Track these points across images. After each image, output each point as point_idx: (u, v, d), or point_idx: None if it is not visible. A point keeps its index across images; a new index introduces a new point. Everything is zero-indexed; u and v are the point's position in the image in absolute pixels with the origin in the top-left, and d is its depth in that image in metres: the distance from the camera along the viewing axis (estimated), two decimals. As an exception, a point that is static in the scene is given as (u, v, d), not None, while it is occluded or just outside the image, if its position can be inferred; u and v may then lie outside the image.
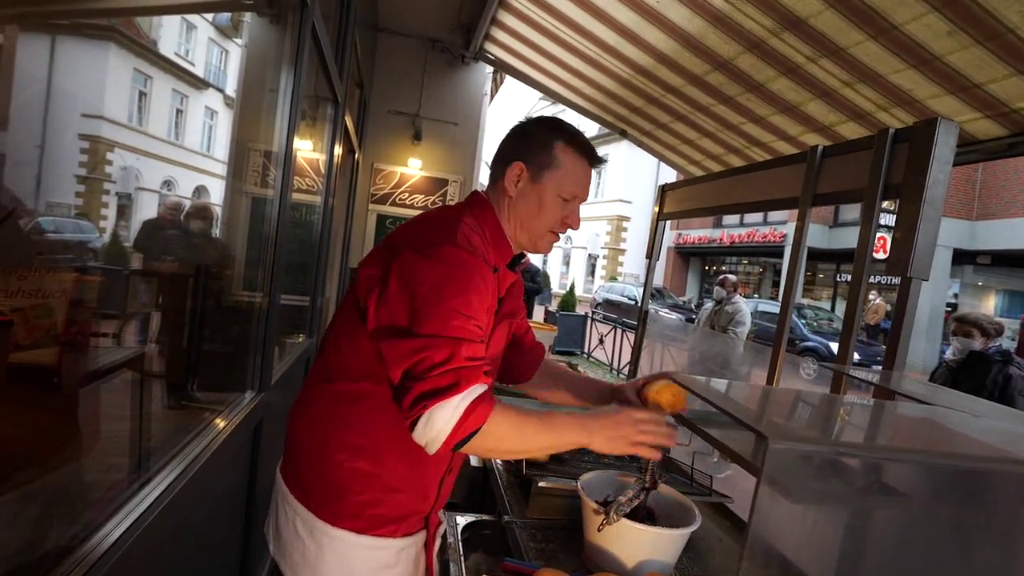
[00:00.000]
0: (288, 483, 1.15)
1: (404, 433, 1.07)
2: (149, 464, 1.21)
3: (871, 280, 1.40)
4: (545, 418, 1.04)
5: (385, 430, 1.09)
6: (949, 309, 14.48)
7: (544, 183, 1.14)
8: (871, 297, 15.03)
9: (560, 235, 1.22)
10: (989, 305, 15.71)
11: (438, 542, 1.26)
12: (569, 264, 30.21)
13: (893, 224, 1.10)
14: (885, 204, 1.21)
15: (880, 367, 1.16)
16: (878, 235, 1.21)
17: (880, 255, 12.13)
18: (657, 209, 2.47)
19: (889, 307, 14.92)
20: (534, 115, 1.30)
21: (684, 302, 20.17)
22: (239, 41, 2.11)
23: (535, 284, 9.54)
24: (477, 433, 0.95)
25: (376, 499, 1.10)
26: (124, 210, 1.43)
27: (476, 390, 0.95)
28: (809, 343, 13.02)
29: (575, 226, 1.21)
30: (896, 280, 1.14)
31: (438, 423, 0.92)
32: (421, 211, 5.75)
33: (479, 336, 1.01)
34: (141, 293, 1.61)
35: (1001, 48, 1.75)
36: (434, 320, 0.95)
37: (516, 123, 1.23)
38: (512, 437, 1.00)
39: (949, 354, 3.62)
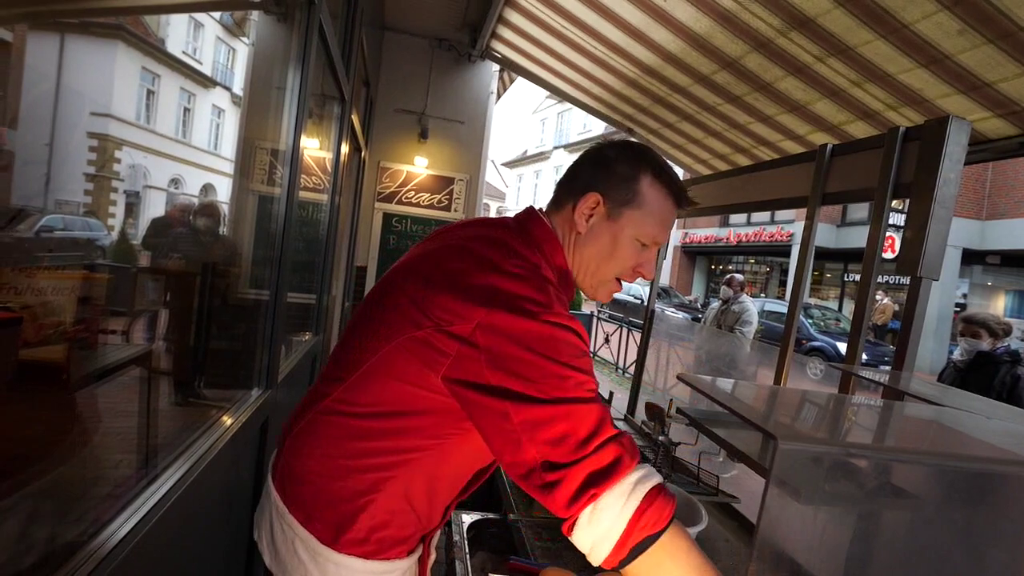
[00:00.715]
0: (287, 501, 1.02)
1: (441, 465, 0.98)
2: (156, 461, 1.21)
3: (878, 280, 1.39)
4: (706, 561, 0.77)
5: (418, 466, 0.97)
6: (958, 309, 14.39)
7: (622, 222, 0.99)
8: (878, 297, 14.96)
9: (624, 284, 1.06)
10: (999, 305, 15.60)
11: (433, 554, 1.16)
12: (575, 263, 30.09)
13: (901, 224, 1.09)
14: (894, 203, 1.20)
15: (887, 367, 1.15)
16: (886, 234, 1.20)
17: (888, 255, 12.08)
18: (664, 208, 2.45)
19: (897, 307, 14.85)
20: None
21: (690, 301, 20.13)
22: (246, 40, 2.11)
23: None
24: (657, 539, 0.72)
25: (384, 521, 0.98)
26: (132, 208, 1.43)
27: (652, 473, 0.76)
28: (816, 343, 12.97)
29: (648, 276, 1.04)
30: (904, 280, 1.13)
31: (608, 514, 0.72)
32: (427, 209, 5.66)
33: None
34: (149, 291, 1.62)
35: (1012, 47, 1.73)
36: (569, 384, 0.78)
37: (596, 144, 1.06)
38: (690, 566, 0.73)
39: (957, 355, 3.59)
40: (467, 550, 1.39)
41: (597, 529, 0.72)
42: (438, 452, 0.96)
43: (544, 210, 1.07)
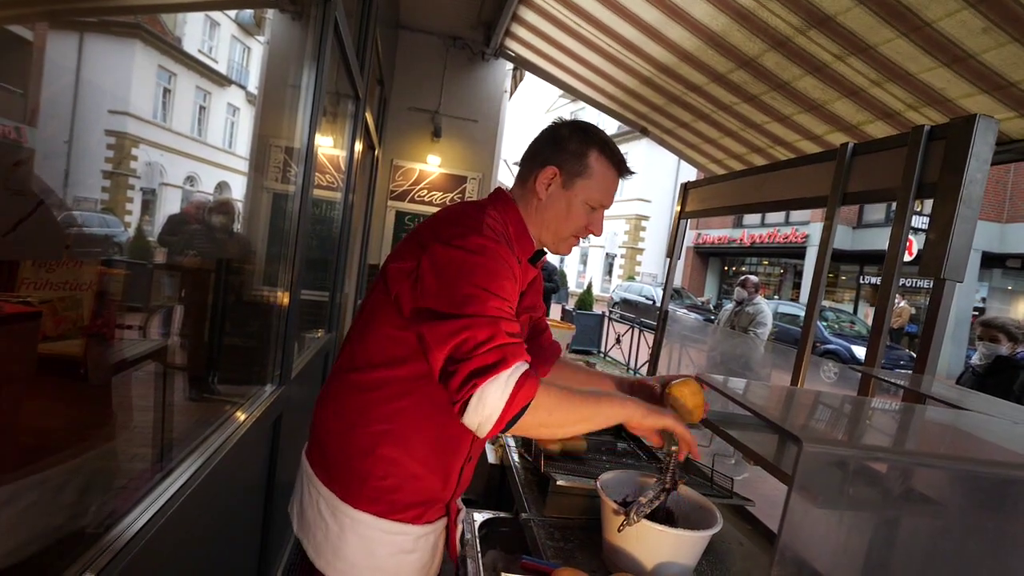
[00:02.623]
0: (313, 466, 1.18)
1: (427, 419, 1.12)
2: (172, 455, 1.22)
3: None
4: (586, 393, 1.06)
5: (408, 416, 1.11)
6: (976, 313, 14.16)
7: (575, 190, 1.18)
8: (895, 300, 14.77)
9: (580, 239, 1.25)
10: (1018, 310, 15.33)
11: (460, 527, 1.28)
12: (587, 263, 30.11)
13: (918, 225, 1.07)
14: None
15: (902, 371, 1.13)
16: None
17: (906, 257, 11.88)
18: (679, 208, 2.44)
19: (913, 310, 14.65)
20: (564, 116, 1.31)
21: (702, 303, 19.98)
22: (261, 38, 2.13)
23: (552, 283, 9.52)
24: (528, 408, 0.94)
25: (396, 485, 1.12)
26: (148, 205, 1.45)
27: (522, 366, 0.96)
28: (830, 346, 12.82)
29: (597, 233, 1.23)
30: (921, 283, 1.11)
31: (490, 400, 0.92)
32: (440, 208, 5.76)
33: (513, 316, 1.02)
34: (164, 287, 1.64)
35: (1038, 44, 1.70)
36: (472, 302, 0.96)
37: (550, 124, 1.24)
38: (560, 409, 1.00)
39: (975, 359, 3.53)
40: (479, 549, 1.38)
41: (483, 410, 0.92)
42: (425, 399, 1.10)
43: (510, 188, 1.27)
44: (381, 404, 1.11)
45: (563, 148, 1.17)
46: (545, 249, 1.27)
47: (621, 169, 1.21)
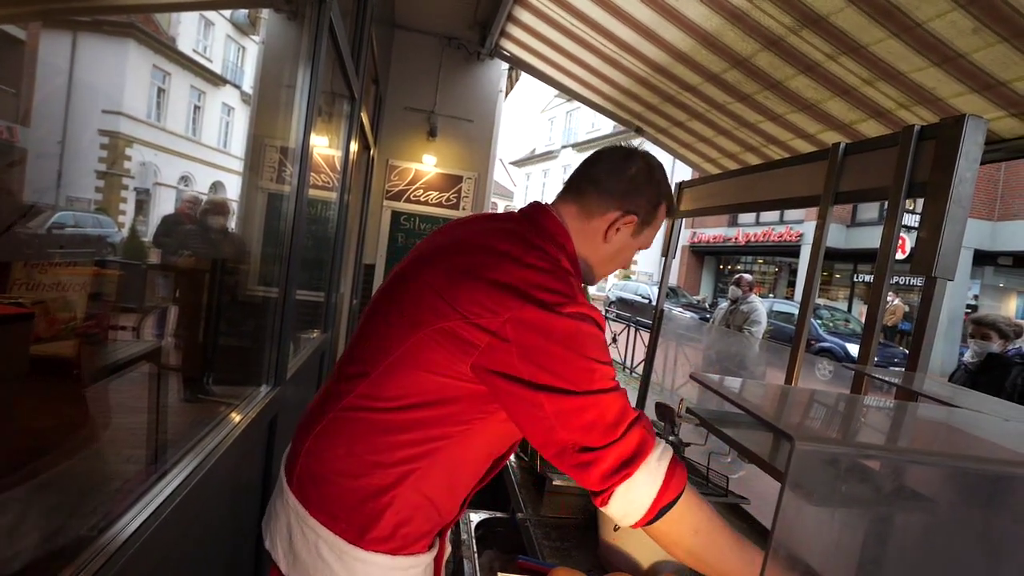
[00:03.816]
0: (307, 504, 1.01)
1: (459, 459, 1.01)
2: (166, 457, 1.22)
3: (889, 281, 1.37)
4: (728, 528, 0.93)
5: (439, 456, 0.99)
6: (968, 311, 14.26)
7: (640, 238, 1.12)
8: (889, 298, 14.84)
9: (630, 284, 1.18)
10: (1010, 307, 15.45)
11: (448, 548, 1.19)
12: (582, 262, 30.06)
13: (911, 224, 1.07)
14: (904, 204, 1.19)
15: (896, 369, 1.14)
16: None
17: (899, 255, 11.97)
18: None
19: (907, 308, 14.74)
20: (634, 147, 1.13)
21: (698, 301, 20.05)
22: (256, 38, 2.12)
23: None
24: (677, 502, 0.87)
25: (409, 517, 1.00)
26: (142, 205, 1.44)
27: (667, 447, 0.90)
28: (825, 344, 12.88)
29: (627, 267, 1.20)
30: (914, 281, 1.12)
31: (641, 488, 0.85)
32: (435, 207, 5.66)
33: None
34: (159, 288, 1.63)
35: (1028, 44, 1.71)
36: (593, 377, 0.87)
37: (627, 160, 1.11)
38: (705, 518, 0.90)
39: (967, 357, 3.56)
40: (475, 549, 1.39)
41: (631, 501, 0.85)
42: (462, 439, 0.99)
43: (551, 203, 1.12)
44: (410, 446, 0.97)
45: (642, 195, 1.08)
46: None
47: (671, 213, 1.18)
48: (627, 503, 0.86)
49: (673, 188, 1.56)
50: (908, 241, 12.41)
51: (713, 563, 0.91)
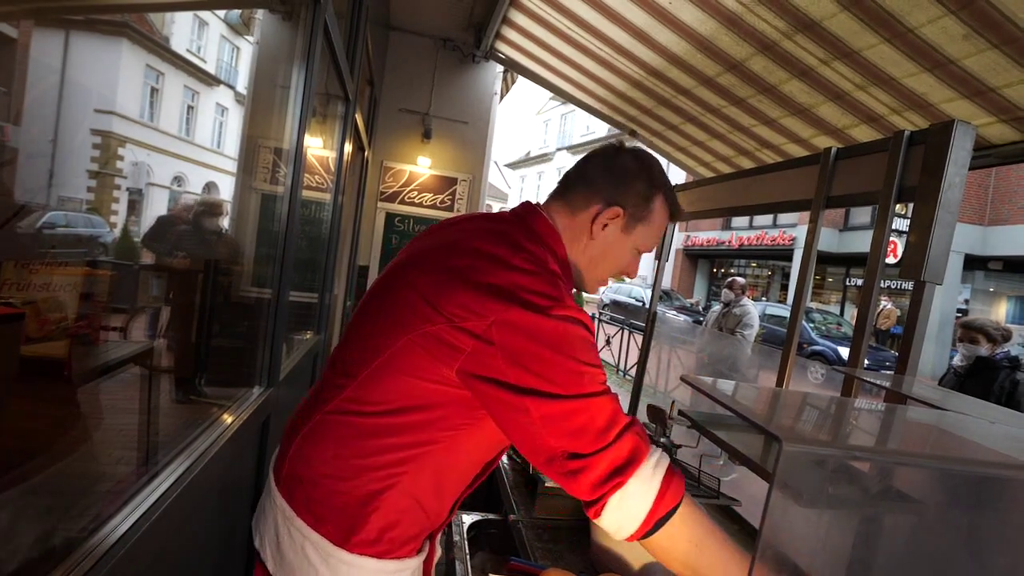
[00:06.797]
0: (294, 505, 1.00)
1: (448, 464, 0.99)
2: (157, 458, 1.21)
3: (881, 285, 1.38)
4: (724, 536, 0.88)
5: (427, 460, 0.97)
6: (959, 315, 14.37)
7: (632, 235, 1.06)
8: (882, 302, 14.94)
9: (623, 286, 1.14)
10: (1000, 311, 15.57)
11: (438, 551, 1.17)
12: (576, 265, 30.09)
13: (903, 228, 1.08)
14: (896, 208, 1.20)
15: (888, 372, 1.15)
16: (889, 239, 1.20)
17: (890, 260, 12.07)
18: (666, 210, 2.45)
19: (899, 312, 14.83)
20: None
21: (691, 304, 20.09)
22: (251, 38, 2.12)
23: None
24: (675, 513, 0.82)
25: (396, 520, 0.98)
26: (135, 205, 1.44)
27: (663, 455, 0.85)
28: (817, 347, 12.94)
29: (632, 276, 1.13)
30: (907, 285, 1.13)
31: (635, 499, 0.81)
32: (429, 209, 5.65)
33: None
34: (151, 288, 1.62)
35: (1018, 52, 1.73)
36: (582, 380, 0.84)
37: (610, 147, 1.09)
38: (706, 531, 0.85)
39: (957, 360, 3.59)
40: (467, 550, 1.39)
41: (625, 512, 0.81)
42: (449, 444, 0.97)
43: (542, 204, 1.10)
44: (396, 451, 0.95)
45: (629, 187, 1.04)
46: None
47: (675, 214, 1.10)
48: (621, 514, 0.82)
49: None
50: (899, 245, 12.50)
51: (707, 558, 0.86)
